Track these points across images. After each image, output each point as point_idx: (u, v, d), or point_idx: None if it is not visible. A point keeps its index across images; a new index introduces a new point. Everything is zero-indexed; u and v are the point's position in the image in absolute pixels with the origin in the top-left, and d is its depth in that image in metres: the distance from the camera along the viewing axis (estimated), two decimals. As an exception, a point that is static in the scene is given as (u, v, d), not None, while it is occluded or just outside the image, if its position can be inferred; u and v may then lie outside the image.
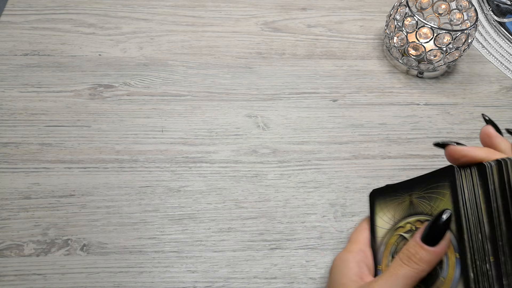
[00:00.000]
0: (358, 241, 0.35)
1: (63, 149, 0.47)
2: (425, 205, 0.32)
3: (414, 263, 0.29)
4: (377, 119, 0.53)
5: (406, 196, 0.33)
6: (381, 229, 0.35)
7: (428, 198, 0.32)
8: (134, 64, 0.55)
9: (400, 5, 0.54)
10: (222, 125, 0.50)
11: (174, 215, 0.44)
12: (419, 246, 0.29)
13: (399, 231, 0.33)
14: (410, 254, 0.29)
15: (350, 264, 0.33)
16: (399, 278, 0.29)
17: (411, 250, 0.29)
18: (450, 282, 0.29)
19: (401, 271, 0.29)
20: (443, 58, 0.54)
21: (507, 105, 0.56)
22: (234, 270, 0.41)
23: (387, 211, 0.35)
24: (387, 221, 0.34)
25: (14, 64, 0.53)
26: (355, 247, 0.34)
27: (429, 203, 0.32)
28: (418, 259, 0.29)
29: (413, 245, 0.30)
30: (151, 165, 0.47)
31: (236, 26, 0.60)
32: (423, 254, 0.29)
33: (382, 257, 0.34)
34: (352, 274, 0.32)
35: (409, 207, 0.33)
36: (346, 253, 0.34)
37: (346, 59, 0.58)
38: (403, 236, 0.33)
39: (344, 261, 0.33)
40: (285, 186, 0.47)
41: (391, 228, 0.34)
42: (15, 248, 0.41)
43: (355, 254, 0.34)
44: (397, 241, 0.33)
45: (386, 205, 0.35)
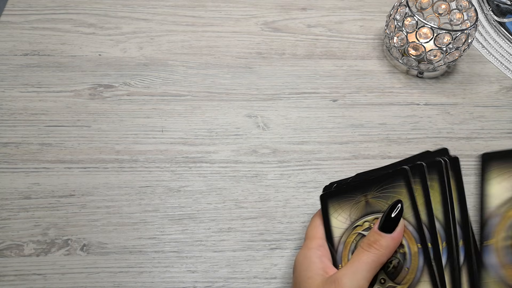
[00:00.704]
0: (315, 237, 0.36)
1: (63, 149, 0.47)
2: (382, 203, 0.34)
3: (375, 248, 0.32)
4: (377, 119, 0.53)
5: (361, 197, 0.35)
6: (338, 229, 0.36)
7: (384, 197, 0.34)
8: (134, 64, 0.55)
9: (400, 5, 0.54)
10: (222, 125, 0.50)
11: (174, 215, 0.44)
12: (378, 234, 0.32)
13: (357, 230, 0.35)
14: (370, 242, 0.32)
15: (313, 259, 0.34)
16: (362, 263, 0.31)
17: (371, 238, 0.32)
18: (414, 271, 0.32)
19: (364, 257, 0.32)
20: (443, 58, 0.54)
21: (507, 105, 0.56)
22: (234, 270, 0.41)
23: (342, 212, 0.36)
24: (343, 221, 0.36)
25: (14, 64, 0.53)
26: (314, 243, 0.35)
27: (386, 202, 0.34)
28: (378, 245, 0.32)
29: (372, 234, 0.32)
30: (151, 165, 0.47)
31: (236, 26, 0.60)
32: (382, 241, 0.32)
33: (342, 257, 0.35)
34: (317, 268, 0.33)
35: (366, 206, 0.35)
36: (307, 250, 0.35)
37: (346, 59, 0.58)
38: (362, 234, 0.35)
39: (306, 257, 0.34)
40: (285, 186, 0.47)
41: (348, 228, 0.35)
42: (15, 248, 0.41)
43: (315, 250, 0.35)
44: (356, 238, 0.35)
45: (340, 206, 0.36)
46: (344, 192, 0.36)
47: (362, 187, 0.36)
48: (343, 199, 0.36)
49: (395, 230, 0.32)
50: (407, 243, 0.33)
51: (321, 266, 0.33)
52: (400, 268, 0.33)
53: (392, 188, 0.34)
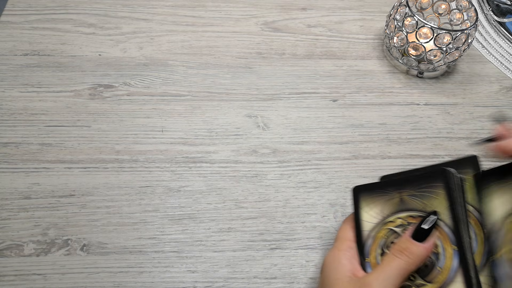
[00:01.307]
0: (346, 239, 0.36)
1: (63, 149, 0.47)
2: (417, 203, 0.34)
3: (406, 256, 0.31)
4: (377, 119, 0.53)
5: (396, 194, 0.35)
6: (368, 223, 0.36)
7: (420, 196, 0.34)
8: (134, 64, 0.55)
9: (400, 5, 0.54)
10: (222, 125, 0.50)
11: (174, 215, 0.44)
12: (409, 242, 0.32)
13: (389, 225, 0.35)
14: (401, 249, 0.32)
15: (343, 261, 0.34)
16: (392, 269, 0.31)
17: (402, 245, 0.32)
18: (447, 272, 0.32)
19: (394, 263, 0.31)
20: (443, 58, 0.54)
21: (507, 105, 0.56)
22: (234, 270, 0.41)
23: (374, 206, 0.36)
24: (374, 216, 0.36)
25: (14, 64, 0.53)
26: (344, 244, 0.35)
27: (422, 201, 0.34)
28: (409, 253, 0.32)
29: (404, 241, 0.32)
30: (151, 165, 0.47)
31: (236, 26, 0.60)
32: (413, 248, 0.32)
33: (370, 250, 0.35)
34: (346, 270, 0.33)
35: (399, 203, 0.35)
36: (337, 251, 0.35)
37: (346, 59, 0.58)
38: (393, 230, 0.35)
39: (335, 258, 0.34)
40: (285, 186, 0.47)
41: (379, 223, 0.35)
42: (15, 248, 0.41)
43: (345, 252, 0.34)
44: (387, 234, 0.35)
45: (372, 201, 0.36)
46: (378, 187, 0.36)
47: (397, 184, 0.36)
48: (376, 193, 0.36)
49: (427, 240, 0.32)
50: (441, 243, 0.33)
51: (350, 268, 0.33)
52: (431, 267, 0.33)
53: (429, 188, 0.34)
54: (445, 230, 0.33)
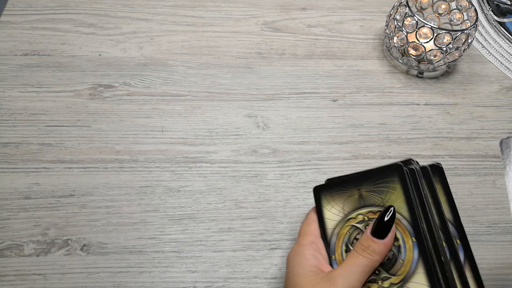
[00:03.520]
0: (308, 234, 0.36)
1: (63, 149, 0.47)
2: (376, 198, 0.36)
3: (368, 254, 0.33)
4: (377, 119, 0.53)
5: (355, 190, 0.37)
6: (331, 221, 0.37)
7: (378, 191, 0.36)
8: (134, 64, 0.55)
9: (400, 5, 0.54)
10: (222, 125, 0.50)
11: (174, 215, 0.44)
12: (370, 240, 0.33)
13: (351, 222, 0.36)
14: (363, 247, 0.33)
15: (306, 256, 0.34)
16: (356, 266, 0.32)
17: (364, 243, 0.33)
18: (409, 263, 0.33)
19: (357, 260, 0.33)
20: (443, 58, 0.54)
21: (507, 105, 0.56)
22: (234, 270, 0.41)
23: (334, 204, 0.37)
24: (336, 213, 0.37)
25: (14, 64, 0.53)
26: (306, 239, 0.36)
27: (380, 196, 0.36)
28: (371, 251, 0.33)
29: (365, 239, 0.33)
30: (151, 165, 0.47)
31: (236, 26, 0.60)
32: (375, 246, 0.33)
33: (335, 247, 0.36)
34: (310, 265, 0.34)
35: (359, 200, 0.36)
36: (299, 247, 0.35)
37: (346, 59, 0.58)
38: (355, 226, 0.36)
39: (299, 254, 0.35)
40: (285, 186, 0.47)
41: (342, 220, 0.36)
42: (15, 248, 0.41)
43: (308, 247, 0.35)
44: (349, 231, 0.36)
45: (333, 199, 0.37)
46: (337, 185, 0.37)
47: (355, 181, 0.37)
48: (336, 191, 0.37)
49: (387, 236, 0.33)
50: (402, 236, 0.34)
51: (315, 263, 0.34)
52: (394, 260, 0.34)
53: (386, 183, 0.36)
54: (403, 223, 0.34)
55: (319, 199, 0.38)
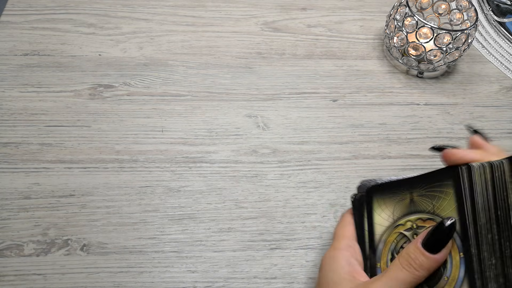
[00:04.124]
0: (344, 237, 0.34)
1: (63, 149, 0.47)
2: (427, 204, 0.32)
3: (414, 269, 0.29)
4: (377, 119, 0.53)
5: (407, 194, 0.33)
6: (380, 227, 0.34)
7: (430, 196, 0.32)
8: (134, 64, 0.55)
9: (400, 5, 0.54)
10: (222, 125, 0.50)
11: (174, 215, 0.44)
12: (420, 252, 0.29)
13: (399, 229, 0.33)
14: (410, 259, 0.29)
15: (341, 262, 0.32)
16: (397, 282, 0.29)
17: (411, 255, 0.29)
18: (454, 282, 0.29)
19: (400, 275, 0.29)
20: (443, 58, 0.54)
21: (507, 105, 0.56)
22: (234, 270, 0.41)
23: (385, 208, 0.34)
24: (385, 219, 0.34)
25: (14, 64, 0.53)
26: (342, 243, 0.34)
27: (431, 202, 0.32)
28: (418, 265, 0.29)
29: (414, 250, 0.29)
30: (151, 165, 0.47)
31: (236, 26, 0.60)
32: (423, 261, 0.29)
33: (381, 255, 0.33)
34: (344, 272, 0.31)
35: (410, 204, 0.33)
36: (335, 251, 0.33)
37: (346, 59, 0.58)
38: (403, 234, 0.32)
39: (334, 259, 0.33)
40: (285, 186, 0.47)
41: (390, 226, 0.33)
42: (15, 248, 0.41)
43: (344, 251, 0.33)
44: (397, 238, 0.33)
45: (384, 202, 0.34)
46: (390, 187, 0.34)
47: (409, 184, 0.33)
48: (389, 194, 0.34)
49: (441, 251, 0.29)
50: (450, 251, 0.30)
51: (349, 269, 0.32)
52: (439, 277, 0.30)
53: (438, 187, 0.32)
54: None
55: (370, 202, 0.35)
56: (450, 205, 0.31)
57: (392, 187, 0.34)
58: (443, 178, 0.31)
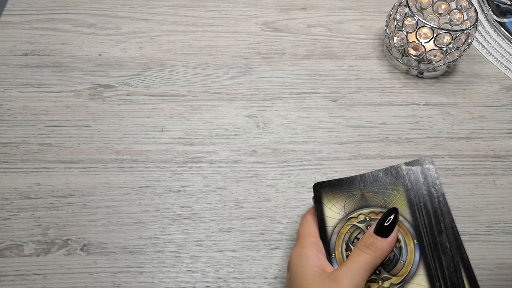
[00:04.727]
0: (309, 235, 0.36)
1: (63, 149, 0.47)
2: (378, 199, 0.37)
3: (372, 251, 0.33)
4: (377, 119, 0.53)
5: (357, 190, 0.38)
6: (331, 219, 0.37)
7: (381, 193, 0.37)
8: (134, 64, 0.55)
9: (400, 5, 0.54)
10: (222, 125, 0.50)
11: (174, 215, 0.44)
12: (374, 237, 0.34)
13: (352, 221, 0.37)
14: (367, 244, 0.34)
15: (310, 257, 0.34)
16: (360, 264, 0.33)
17: (368, 240, 0.34)
18: (410, 265, 0.34)
19: (361, 258, 0.33)
20: (443, 58, 0.54)
21: (507, 105, 0.56)
22: (234, 270, 0.41)
23: (335, 202, 0.38)
24: (337, 212, 0.37)
25: (14, 64, 0.53)
26: (308, 240, 0.36)
27: (382, 197, 0.37)
28: (374, 248, 0.34)
29: (369, 237, 0.34)
30: (151, 165, 0.47)
31: (236, 26, 0.60)
32: (378, 244, 0.34)
33: (335, 246, 0.36)
34: (314, 266, 0.34)
35: (361, 200, 0.37)
36: (302, 248, 0.35)
37: (346, 59, 0.58)
38: (356, 225, 0.37)
39: (302, 255, 0.35)
40: (285, 186, 0.47)
41: (343, 219, 0.37)
42: (15, 248, 0.41)
43: (310, 248, 0.35)
44: (350, 230, 0.37)
45: (334, 197, 0.38)
46: (338, 184, 0.38)
47: (357, 182, 0.38)
48: (338, 190, 0.38)
49: (390, 235, 0.34)
50: (404, 238, 0.35)
51: (318, 263, 0.34)
52: (396, 261, 0.35)
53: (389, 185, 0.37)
54: (405, 226, 0.36)
55: (319, 197, 0.38)
56: (401, 200, 0.36)
57: (340, 184, 0.38)
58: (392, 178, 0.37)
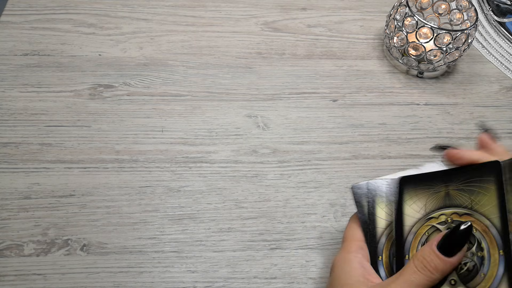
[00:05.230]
0: (355, 239, 0.34)
1: (63, 149, 0.47)
2: (464, 198, 0.31)
3: (429, 271, 0.29)
4: (377, 119, 0.53)
5: (442, 187, 0.33)
6: (410, 218, 0.33)
7: (468, 191, 0.31)
8: (134, 64, 0.55)
9: (400, 5, 0.54)
10: (222, 125, 0.50)
11: (174, 215, 0.44)
12: (435, 255, 0.29)
13: (432, 222, 0.32)
14: (425, 262, 0.29)
15: (354, 264, 0.32)
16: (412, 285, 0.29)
17: (427, 258, 0.29)
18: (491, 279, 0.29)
19: (415, 278, 0.29)
20: (443, 58, 0.54)
21: (507, 105, 0.56)
22: (234, 270, 0.41)
23: (417, 200, 0.33)
24: (417, 210, 0.33)
25: (14, 64, 0.53)
26: (354, 245, 0.34)
27: (469, 196, 0.31)
28: (432, 268, 0.29)
29: (429, 253, 0.29)
30: (151, 165, 0.47)
31: (236, 26, 0.60)
32: (438, 264, 0.29)
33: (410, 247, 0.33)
34: (358, 275, 0.31)
35: (445, 198, 0.32)
36: (347, 253, 0.33)
37: (346, 59, 0.58)
38: (436, 226, 0.32)
39: (346, 261, 0.33)
40: (285, 186, 0.47)
41: (422, 218, 0.33)
42: (15, 248, 0.41)
43: (356, 254, 0.33)
44: (428, 231, 0.32)
45: (416, 194, 0.34)
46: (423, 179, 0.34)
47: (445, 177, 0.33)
48: (421, 186, 0.34)
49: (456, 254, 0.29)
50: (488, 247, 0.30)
51: (362, 272, 0.32)
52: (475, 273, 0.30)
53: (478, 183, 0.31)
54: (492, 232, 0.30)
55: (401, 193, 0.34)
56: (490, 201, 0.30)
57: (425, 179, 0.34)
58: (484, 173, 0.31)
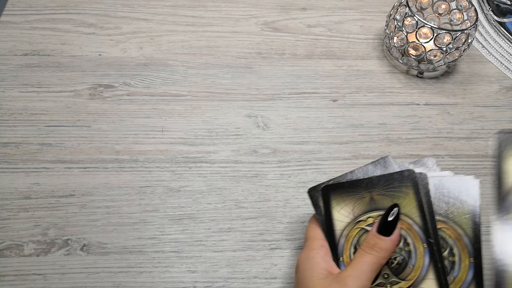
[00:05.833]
0: (317, 238, 0.36)
1: (63, 149, 0.47)
2: (387, 202, 0.36)
3: (375, 251, 0.33)
4: (377, 119, 0.53)
5: (366, 193, 0.36)
6: (340, 222, 0.36)
7: (390, 195, 0.36)
8: (134, 64, 0.55)
9: (400, 5, 0.54)
10: (222, 125, 0.50)
11: (174, 215, 0.44)
12: (377, 237, 0.34)
13: (361, 224, 0.36)
14: (370, 245, 0.34)
15: (317, 259, 0.34)
16: (364, 265, 0.33)
17: (371, 241, 0.34)
18: (419, 269, 0.34)
19: (365, 258, 0.33)
20: (443, 58, 0.54)
21: (507, 105, 0.56)
22: (234, 270, 0.41)
23: (345, 206, 0.37)
24: (345, 215, 0.36)
25: (14, 64, 0.53)
26: (316, 243, 0.36)
27: (391, 200, 0.36)
28: (378, 248, 0.33)
29: (372, 237, 0.34)
30: (151, 165, 0.47)
31: (236, 26, 0.60)
32: (381, 243, 0.33)
33: (343, 249, 0.36)
34: (321, 268, 0.34)
35: (370, 202, 0.36)
36: (310, 251, 0.35)
37: (346, 59, 0.58)
38: (365, 229, 0.36)
39: (309, 258, 0.35)
40: (285, 186, 0.47)
41: (351, 222, 0.36)
42: (15, 248, 0.41)
43: (318, 250, 0.35)
44: (359, 233, 0.36)
45: (343, 200, 0.37)
46: (347, 186, 0.37)
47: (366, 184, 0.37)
48: (346, 193, 0.37)
49: (393, 233, 0.34)
50: (413, 242, 0.35)
51: (325, 266, 0.34)
52: (404, 265, 0.34)
53: (398, 188, 0.36)
54: (415, 229, 0.35)
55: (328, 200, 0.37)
56: (410, 203, 0.35)
57: (349, 186, 0.37)
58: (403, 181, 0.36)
